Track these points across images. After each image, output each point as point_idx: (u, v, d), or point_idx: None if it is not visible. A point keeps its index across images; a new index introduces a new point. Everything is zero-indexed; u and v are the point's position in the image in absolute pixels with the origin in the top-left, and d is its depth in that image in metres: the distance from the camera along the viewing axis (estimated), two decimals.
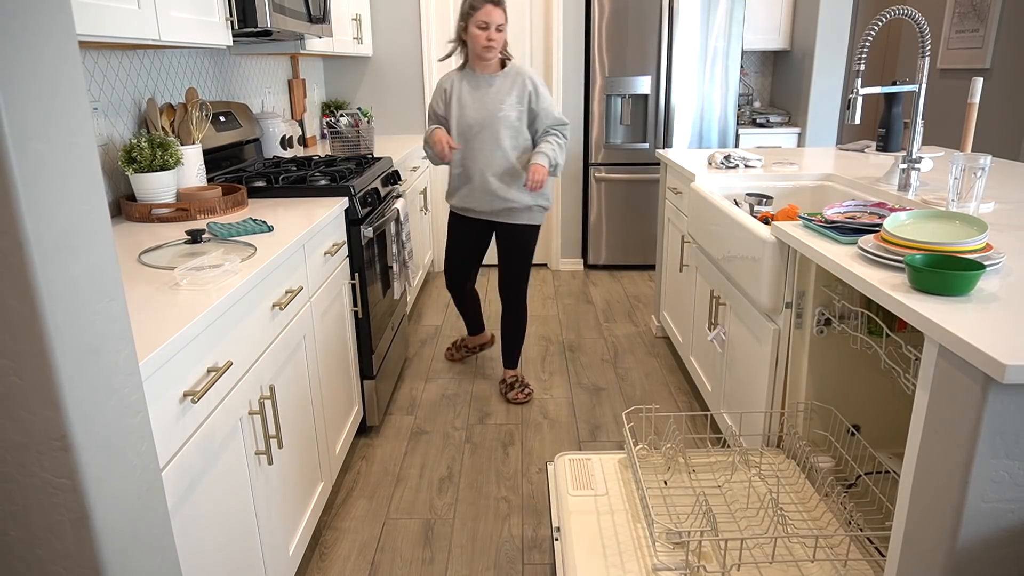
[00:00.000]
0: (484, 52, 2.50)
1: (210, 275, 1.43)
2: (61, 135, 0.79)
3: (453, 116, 2.61)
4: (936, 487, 1.10)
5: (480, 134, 2.57)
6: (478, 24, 2.45)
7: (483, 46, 2.47)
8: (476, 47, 2.50)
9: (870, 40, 1.84)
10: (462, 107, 2.58)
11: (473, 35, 2.48)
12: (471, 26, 2.47)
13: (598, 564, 1.47)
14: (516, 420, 2.71)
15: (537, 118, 2.60)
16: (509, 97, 2.56)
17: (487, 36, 2.46)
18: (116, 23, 1.53)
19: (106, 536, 0.87)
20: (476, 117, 2.57)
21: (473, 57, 2.57)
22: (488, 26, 2.45)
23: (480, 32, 2.46)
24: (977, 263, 1.22)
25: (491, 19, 2.44)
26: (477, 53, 2.52)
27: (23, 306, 0.76)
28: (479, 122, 2.57)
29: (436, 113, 2.68)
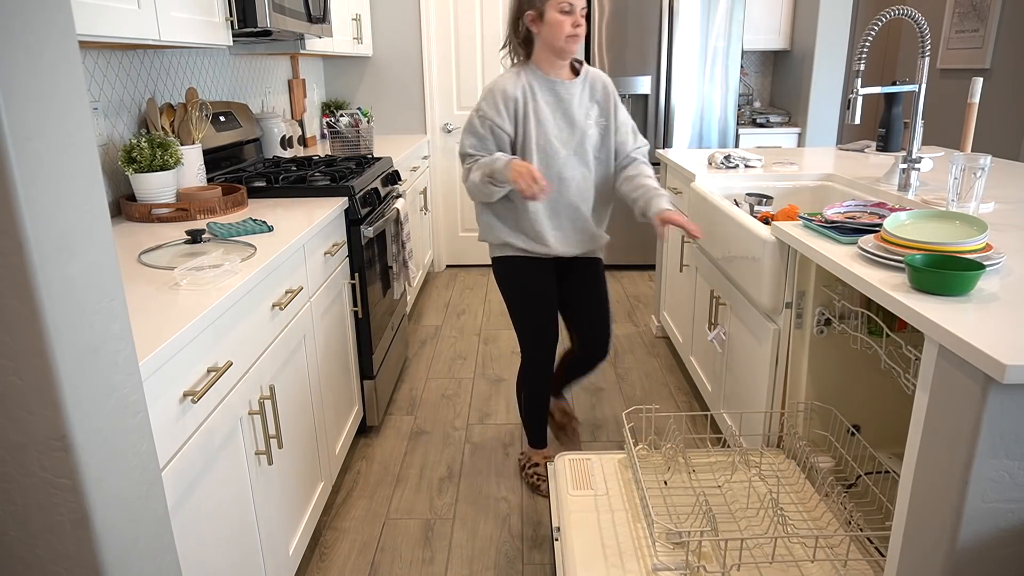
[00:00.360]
0: (569, 44, 1.87)
1: (210, 275, 1.43)
2: (61, 135, 0.79)
3: (531, 136, 1.94)
4: (936, 487, 1.10)
5: (569, 159, 1.97)
6: (561, 6, 1.83)
7: (568, 35, 1.85)
8: (556, 39, 1.86)
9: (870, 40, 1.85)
10: (542, 124, 1.94)
11: (553, 22, 1.84)
12: (549, 10, 1.84)
13: (598, 564, 1.47)
14: (516, 420, 2.71)
15: (616, 134, 2.04)
16: (592, 109, 2.00)
17: (574, 22, 1.84)
18: (116, 23, 1.53)
19: (106, 536, 0.87)
20: (562, 137, 1.97)
21: (546, 54, 1.93)
22: (573, 8, 1.83)
23: (564, 17, 1.83)
24: (977, 263, 1.22)
25: (577, 1, 1.83)
26: (557, 47, 1.88)
27: (23, 306, 0.76)
28: (566, 143, 1.97)
29: (497, 131, 1.94)
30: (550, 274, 2.09)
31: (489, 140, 1.95)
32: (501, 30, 4.33)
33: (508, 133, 1.95)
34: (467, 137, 1.97)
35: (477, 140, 1.97)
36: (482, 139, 1.96)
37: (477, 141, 1.97)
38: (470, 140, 1.97)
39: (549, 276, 2.08)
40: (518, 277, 2.06)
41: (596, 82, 2.02)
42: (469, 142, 1.97)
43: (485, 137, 1.96)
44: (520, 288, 2.07)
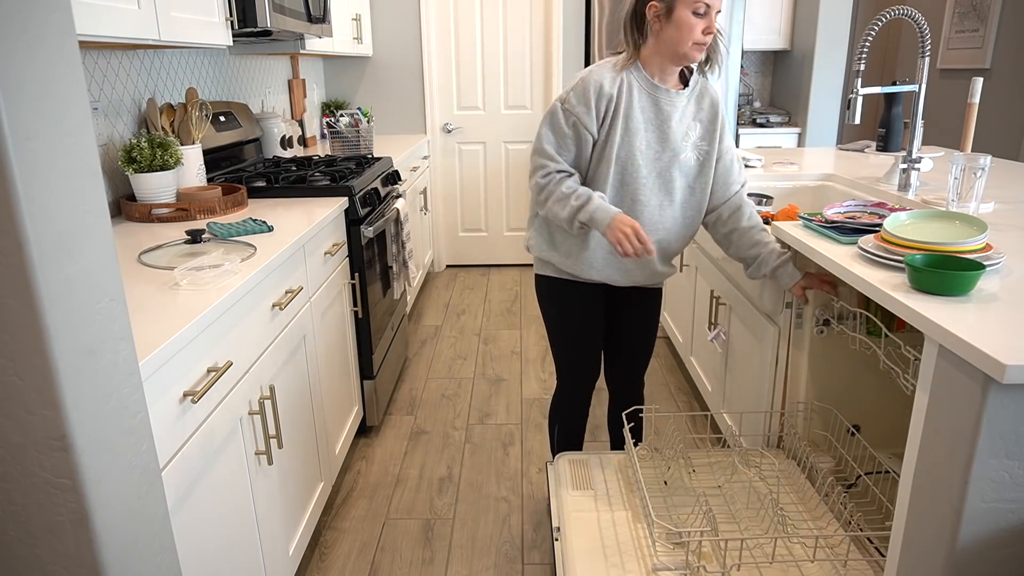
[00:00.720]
0: (693, 52, 1.58)
1: (210, 275, 1.43)
2: (60, 135, 0.79)
3: (613, 144, 1.63)
4: (936, 487, 1.10)
5: (648, 181, 1.66)
6: (694, 6, 1.52)
7: (696, 42, 1.56)
8: (680, 43, 1.56)
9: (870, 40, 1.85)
10: (630, 133, 1.63)
11: (682, 23, 1.54)
12: (681, 7, 1.53)
13: (598, 564, 1.47)
14: (516, 420, 2.71)
15: (718, 162, 1.74)
16: (693, 129, 1.69)
17: (706, 27, 1.55)
18: (116, 23, 1.53)
19: (106, 536, 0.87)
20: (649, 154, 1.66)
21: (659, 56, 1.62)
22: (709, 11, 1.54)
23: (696, 20, 1.53)
24: (977, 263, 1.22)
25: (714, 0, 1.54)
26: (679, 52, 1.58)
27: (23, 306, 0.76)
28: (652, 162, 1.66)
29: (581, 131, 1.63)
30: (598, 302, 1.82)
31: (571, 140, 1.65)
32: (501, 30, 4.34)
33: (593, 135, 1.64)
34: (547, 132, 1.66)
35: (557, 140, 1.65)
36: (563, 139, 1.65)
37: (557, 141, 1.65)
38: (550, 138, 1.66)
39: (596, 305, 1.82)
40: (560, 302, 1.81)
41: (704, 98, 1.71)
42: (549, 141, 1.66)
43: (567, 136, 1.64)
44: (560, 314, 1.82)
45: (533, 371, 3.13)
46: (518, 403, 2.84)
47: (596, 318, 1.83)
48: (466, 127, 4.52)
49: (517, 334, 3.57)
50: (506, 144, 4.55)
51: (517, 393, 2.93)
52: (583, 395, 1.91)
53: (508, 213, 4.69)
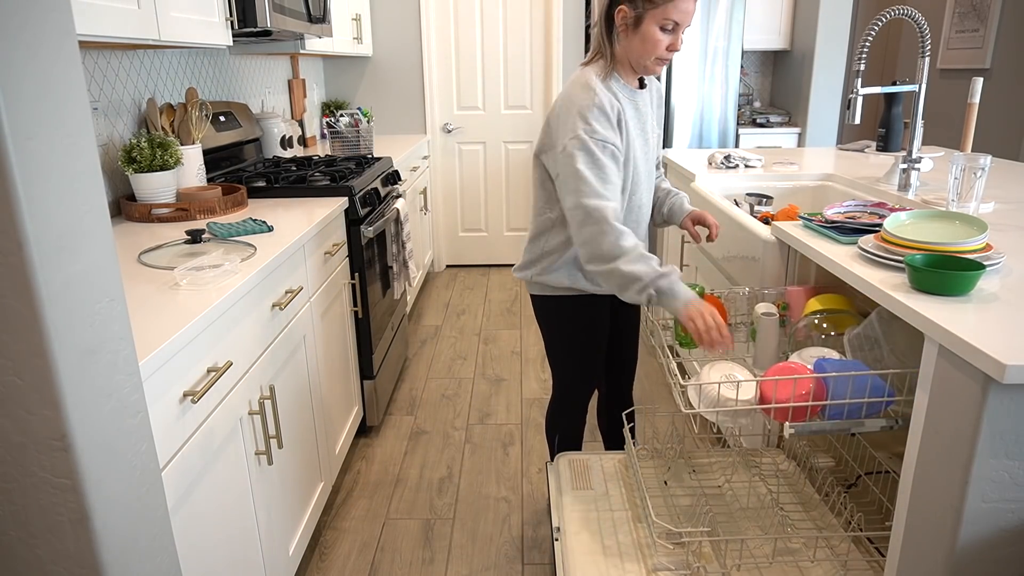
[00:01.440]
0: (655, 67, 1.56)
1: (210, 275, 1.43)
2: (61, 135, 0.79)
3: (630, 161, 1.61)
4: (936, 487, 1.10)
5: (643, 180, 1.67)
6: (662, 21, 1.49)
7: (659, 58, 1.53)
8: (644, 55, 1.54)
9: (870, 40, 1.85)
10: (630, 142, 1.60)
11: (648, 37, 1.51)
12: (649, 21, 1.49)
13: (598, 564, 1.47)
14: (516, 420, 2.71)
15: None
16: (655, 120, 1.74)
17: (671, 44, 1.52)
18: (116, 23, 1.53)
19: (106, 536, 0.87)
20: (642, 155, 1.66)
21: (627, 64, 1.60)
22: (677, 28, 1.51)
23: (662, 36, 1.51)
24: (977, 263, 1.22)
25: (685, 18, 1.50)
26: (640, 64, 1.56)
27: (23, 306, 0.76)
28: (644, 162, 1.67)
29: (616, 152, 1.55)
30: (607, 311, 1.80)
31: (611, 170, 1.52)
32: (501, 30, 4.34)
33: (621, 154, 1.57)
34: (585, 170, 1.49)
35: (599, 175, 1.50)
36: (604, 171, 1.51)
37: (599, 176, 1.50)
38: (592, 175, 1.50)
39: (607, 315, 1.80)
40: (576, 318, 1.76)
41: (652, 86, 1.72)
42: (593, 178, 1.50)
43: (606, 167, 1.51)
44: (575, 331, 1.77)
45: (533, 371, 3.13)
46: (518, 403, 2.84)
47: (606, 328, 1.81)
48: (466, 127, 4.52)
49: (517, 334, 3.57)
50: (506, 144, 4.55)
51: (517, 393, 2.93)
52: (585, 404, 1.90)
53: (508, 213, 4.69)
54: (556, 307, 1.76)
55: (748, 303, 1.75)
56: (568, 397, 1.88)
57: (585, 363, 1.81)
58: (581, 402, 1.89)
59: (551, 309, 1.77)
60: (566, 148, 1.52)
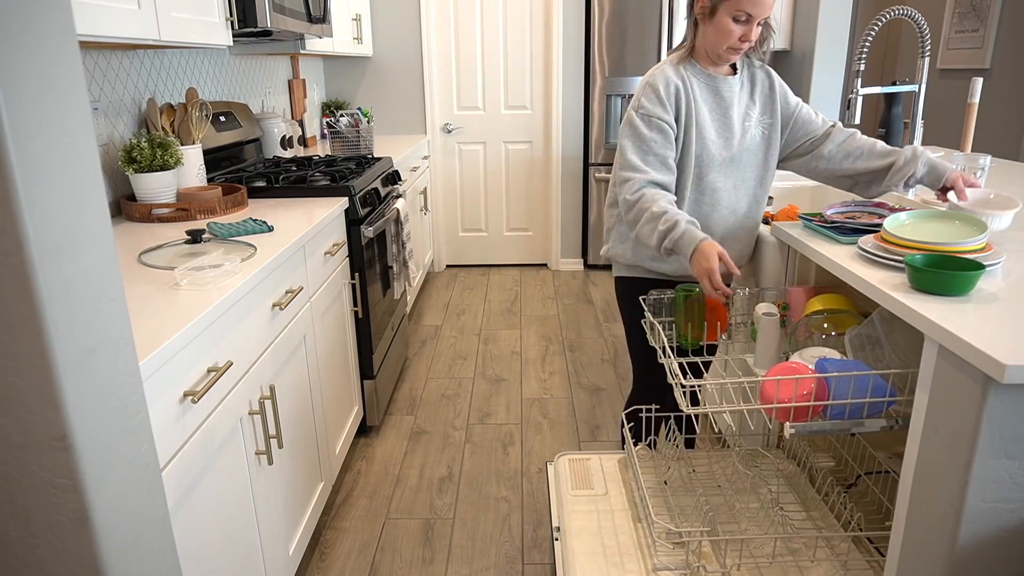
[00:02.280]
0: (728, 56, 1.62)
1: (210, 275, 1.43)
2: (61, 135, 0.79)
3: (691, 142, 1.64)
4: (936, 487, 1.10)
5: (723, 168, 1.69)
6: (735, 12, 1.54)
7: (731, 47, 1.59)
8: (716, 45, 1.60)
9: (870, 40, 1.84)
10: (701, 126, 1.64)
11: (721, 27, 1.56)
12: (722, 11, 1.55)
13: (598, 564, 1.47)
14: (516, 420, 2.71)
15: (793, 119, 1.75)
16: (752, 109, 1.71)
17: (744, 35, 1.57)
18: (116, 23, 1.53)
19: (106, 536, 0.87)
20: (719, 143, 1.67)
21: (704, 52, 1.66)
22: (751, 19, 1.55)
23: (735, 27, 1.55)
24: (977, 263, 1.22)
25: (758, 10, 1.53)
26: (715, 52, 1.62)
27: (23, 306, 0.76)
28: (722, 150, 1.68)
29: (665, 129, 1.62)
30: None
31: (656, 143, 1.61)
32: (501, 30, 4.34)
33: (674, 129, 1.63)
34: (627, 143, 1.63)
35: (641, 147, 1.61)
36: (647, 144, 1.61)
37: (641, 148, 1.61)
38: (633, 148, 1.62)
39: None
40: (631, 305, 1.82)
41: (756, 75, 1.73)
42: (632, 151, 1.62)
43: (650, 140, 1.61)
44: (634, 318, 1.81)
45: (533, 371, 3.13)
46: (518, 403, 2.84)
47: None
48: (466, 127, 4.52)
49: (517, 334, 3.57)
50: (506, 144, 4.55)
51: (517, 393, 2.93)
52: (663, 391, 1.89)
53: (508, 213, 4.69)
54: (633, 291, 1.81)
55: (748, 303, 1.75)
56: (643, 386, 1.88)
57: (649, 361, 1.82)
58: (659, 390, 1.88)
59: (628, 293, 1.81)
60: (621, 126, 1.69)
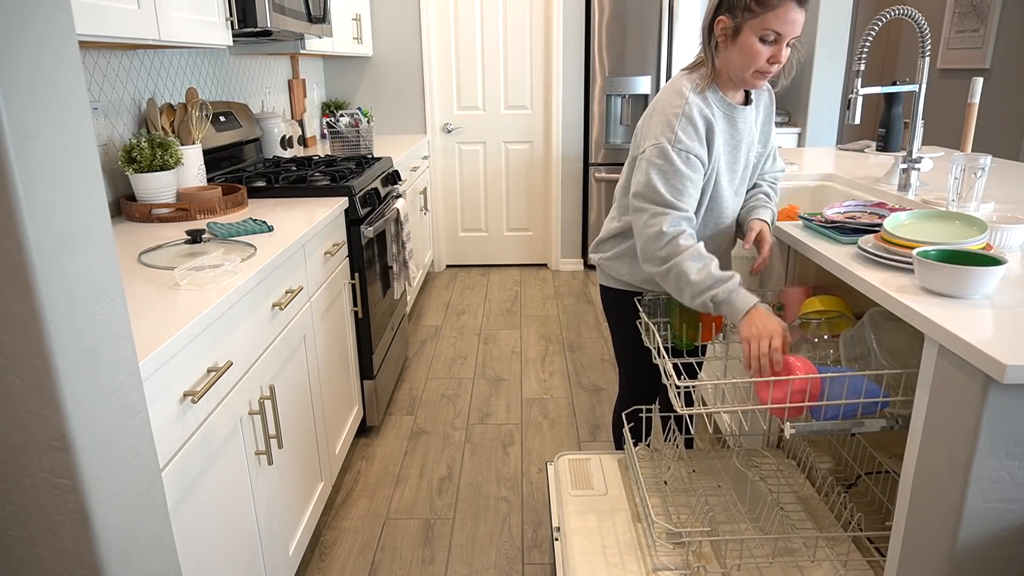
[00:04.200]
0: (756, 80, 1.48)
1: (210, 275, 1.43)
2: (61, 135, 0.79)
3: (710, 179, 1.55)
4: (936, 487, 1.10)
5: (728, 196, 1.62)
6: (762, 32, 1.41)
7: (758, 71, 1.46)
8: (742, 68, 1.46)
9: (870, 40, 1.84)
10: (717, 158, 1.54)
11: (746, 48, 1.43)
12: (748, 31, 1.42)
13: (598, 564, 1.47)
14: (516, 420, 2.71)
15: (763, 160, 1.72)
16: (756, 137, 1.64)
17: (773, 56, 1.44)
18: (116, 23, 1.53)
19: (106, 536, 0.87)
20: (728, 173, 1.59)
21: (727, 77, 1.53)
22: (780, 38, 1.42)
23: (762, 48, 1.42)
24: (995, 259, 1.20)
25: (788, 28, 1.41)
26: (739, 77, 1.49)
27: (23, 306, 0.76)
28: (731, 183, 1.61)
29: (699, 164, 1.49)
30: None
31: (690, 181, 1.47)
32: (501, 30, 4.34)
33: (705, 165, 1.51)
34: (658, 178, 1.46)
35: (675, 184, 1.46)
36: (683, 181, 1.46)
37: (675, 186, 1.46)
38: (667, 188, 1.46)
39: None
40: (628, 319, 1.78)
41: (761, 101, 1.65)
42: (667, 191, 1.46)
43: (686, 177, 1.46)
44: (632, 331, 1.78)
45: (533, 371, 3.13)
46: (518, 403, 2.84)
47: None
48: (466, 127, 4.52)
49: (517, 334, 3.57)
50: (506, 144, 4.55)
51: (517, 393, 2.93)
52: (655, 396, 1.88)
53: (508, 213, 4.69)
54: (622, 301, 1.76)
55: None
56: (633, 392, 1.86)
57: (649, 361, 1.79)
58: (650, 396, 1.87)
59: (616, 302, 1.77)
60: (646, 152, 1.49)
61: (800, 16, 1.41)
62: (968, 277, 1.14)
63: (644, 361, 1.82)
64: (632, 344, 1.80)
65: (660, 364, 1.48)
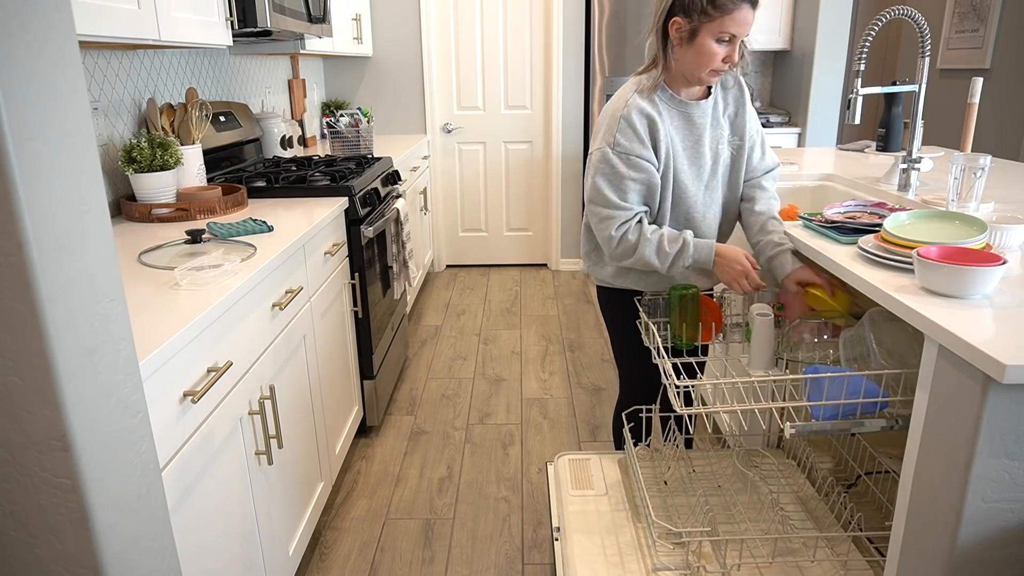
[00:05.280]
0: (711, 78, 1.54)
1: (210, 275, 1.43)
2: (60, 135, 0.79)
3: (668, 176, 1.59)
4: (936, 487, 1.10)
5: (697, 197, 1.64)
6: (719, 34, 1.47)
7: (714, 70, 1.51)
8: (698, 68, 1.52)
9: (870, 40, 1.85)
10: (674, 156, 1.59)
11: (703, 50, 1.49)
12: (704, 34, 1.47)
13: (598, 564, 1.47)
14: (516, 420, 2.71)
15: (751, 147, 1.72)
16: (723, 130, 1.66)
17: (727, 56, 1.50)
18: (116, 23, 1.53)
19: (106, 536, 0.87)
20: (692, 171, 1.63)
21: (680, 76, 1.58)
22: (734, 39, 1.49)
23: (718, 49, 1.48)
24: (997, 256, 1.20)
25: (742, 29, 1.48)
26: (695, 76, 1.54)
27: (23, 306, 0.76)
28: (696, 179, 1.64)
29: (646, 167, 1.55)
30: None
31: (634, 181, 1.54)
32: (501, 30, 4.34)
33: (655, 164, 1.56)
34: (601, 182, 1.56)
35: (617, 186, 1.54)
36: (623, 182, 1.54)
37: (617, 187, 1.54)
38: (608, 187, 1.55)
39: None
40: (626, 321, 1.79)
41: (727, 91, 1.67)
42: (608, 189, 1.55)
43: (627, 178, 1.54)
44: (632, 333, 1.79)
45: (533, 371, 3.13)
46: (518, 403, 2.84)
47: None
48: (466, 127, 4.52)
49: (517, 334, 3.57)
50: (506, 144, 4.55)
51: (517, 393, 2.93)
52: (655, 396, 1.88)
53: (508, 213, 4.69)
54: (617, 300, 1.78)
55: (744, 303, 1.75)
56: (632, 392, 1.87)
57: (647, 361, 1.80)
58: (650, 396, 1.87)
59: (612, 301, 1.79)
60: (591, 157, 1.60)
61: (751, 16, 1.49)
62: (968, 277, 1.14)
63: (643, 361, 1.82)
64: (629, 343, 1.80)
65: (660, 364, 1.48)
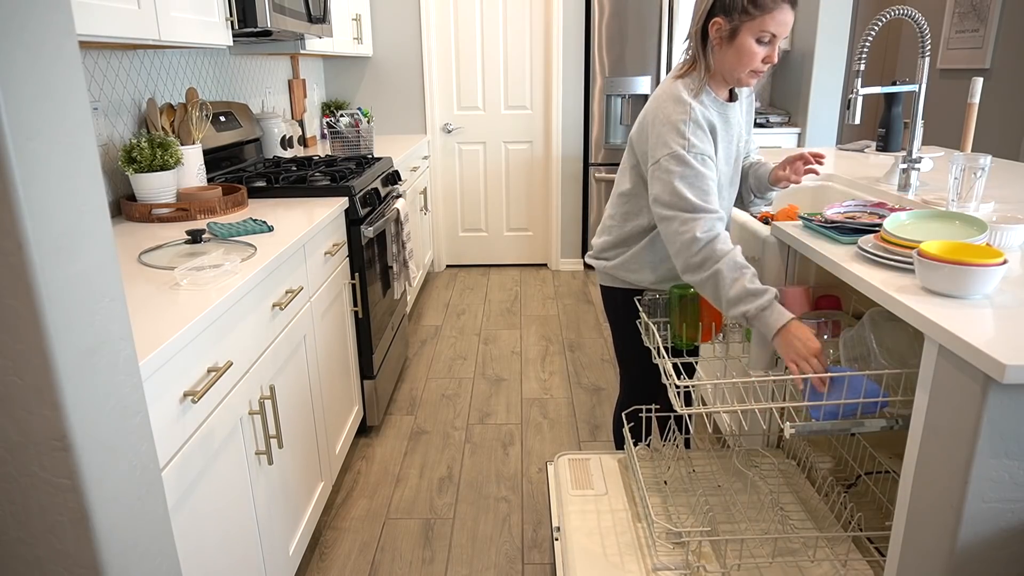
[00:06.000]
0: (750, 79, 1.54)
1: (210, 275, 1.43)
2: (60, 135, 0.79)
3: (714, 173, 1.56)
4: (936, 487, 1.10)
5: (724, 191, 1.68)
6: (759, 33, 1.46)
7: (753, 70, 1.51)
8: (738, 68, 1.51)
9: (870, 40, 1.84)
10: (719, 161, 1.62)
11: (743, 49, 1.48)
12: (745, 33, 1.47)
13: (598, 564, 1.47)
14: (516, 420, 2.71)
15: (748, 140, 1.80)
16: (743, 128, 1.71)
17: (767, 56, 1.49)
18: (116, 23, 1.53)
19: (106, 536, 0.87)
20: (726, 169, 1.65)
21: (719, 77, 1.57)
22: (774, 39, 1.48)
23: (759, 49, 1.48)
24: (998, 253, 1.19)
25: (782, 29, 1.47)
26: (734, 77, 1.54)
27: (23, 306, 0.76)
28: (726, 175, 1.67)
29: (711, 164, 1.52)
30: None
31: (709, 180, 1.49)
32: (501, 30, 4.34)
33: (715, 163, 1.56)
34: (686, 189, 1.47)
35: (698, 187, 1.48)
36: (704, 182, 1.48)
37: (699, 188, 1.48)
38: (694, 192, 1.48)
39: None
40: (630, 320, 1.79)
41: (743, 94, 1.70)
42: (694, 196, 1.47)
43: (705, 178, 1.49)
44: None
45: (533, 371, 3.13)
46: (518, 403, 2.84)
47: None
48: (466, 127, 4.52)
49: (517, 334, 3.57)
50: (506, 144, 4.55)
51: (517, 393, 2.93)
52: (655, 396, 1.88)
53: (508, 213, 4.69)
54: (622, 300, 1.76)
55: None
56: (635, 391, 1.87)
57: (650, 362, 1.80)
58: (648, 402, 1.87)
59: (617, 302, 1.77)
60: (661, 162, 1.50)
61: (792, 17, 1.47)
62: (968, 277, 1.14)
63: (645, 361, 1.82)
64: (633, 344, 1.80)
65: (660, 364, 1.48)
